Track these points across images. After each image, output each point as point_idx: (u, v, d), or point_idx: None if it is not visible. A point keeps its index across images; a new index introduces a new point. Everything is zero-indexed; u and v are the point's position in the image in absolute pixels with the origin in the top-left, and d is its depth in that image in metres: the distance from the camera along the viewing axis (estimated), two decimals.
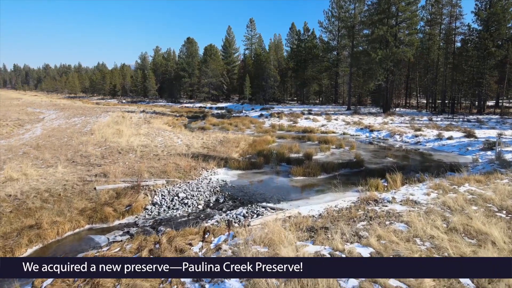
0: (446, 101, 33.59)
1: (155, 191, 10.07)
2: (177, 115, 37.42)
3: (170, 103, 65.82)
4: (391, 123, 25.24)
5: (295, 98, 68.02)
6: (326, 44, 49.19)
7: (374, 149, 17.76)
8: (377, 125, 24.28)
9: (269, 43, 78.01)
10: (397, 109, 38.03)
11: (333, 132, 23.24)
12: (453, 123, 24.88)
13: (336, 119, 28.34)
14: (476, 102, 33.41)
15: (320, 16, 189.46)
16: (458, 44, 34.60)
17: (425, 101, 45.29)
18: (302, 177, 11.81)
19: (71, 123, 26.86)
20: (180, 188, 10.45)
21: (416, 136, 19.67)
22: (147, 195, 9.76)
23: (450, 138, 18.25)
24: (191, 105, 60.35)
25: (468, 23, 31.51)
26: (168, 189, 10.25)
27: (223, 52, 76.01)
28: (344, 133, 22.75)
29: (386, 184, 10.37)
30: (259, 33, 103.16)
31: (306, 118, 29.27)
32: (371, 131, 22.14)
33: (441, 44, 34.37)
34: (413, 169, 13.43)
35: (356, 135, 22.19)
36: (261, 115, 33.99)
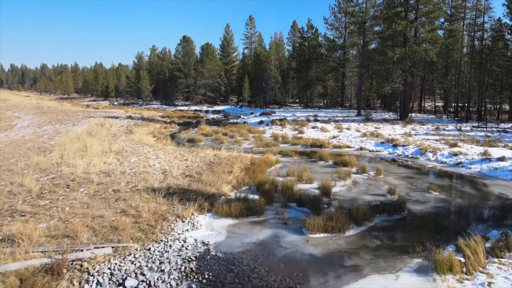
0: (470, 106, 29.67)
1: (89, 273, 6.19)
2: (167, 121, 33.54)
3: (164, 106, 61.99)
4: (415, 135, 21.38)
5: (297, 100, 64.20)
6: (332, 42, 45.27)
7: (407, 173, 13.87)
8: (399, 137, 20.42)
9: (269, 42, 74.14)
10: (413, 114, 34.14)
11: (348, 147, 19.36)
12: (489, 134, 21.02)
13: (348, 128, 24.47)
14: (508, 107, 29.52)
15: (325, 12, 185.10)
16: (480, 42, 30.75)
17: (440, 105, 41.45)
18: (322, 235, 7.92)
19: (39, 133, 23.00)
20: (133, 263, 6.56)
21: (455, 154, 15.78)
22: (73, 283, 5.89)
23: (501, 159, 14.38)
24: (186, 108, 56.48)
25: (499, 18, 27.69)
26: (113, 267, 6.37)
27: (221, 52, 72.30)
28: (361, 148, 18.87)
29: (461, 258, 6.47)
30: (259, 31, 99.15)
31: (313, 127, 25.40)
32: (395, 146, 18.26)
33: (465, 41, 30.43)
34: (478, 214, 9.57)
35: (376, 151, 18.30)
36: (261, 122, 30.12)
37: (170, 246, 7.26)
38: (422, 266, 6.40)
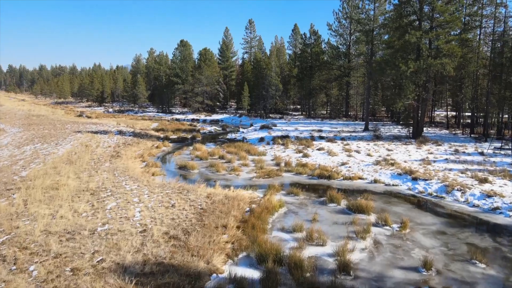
0: (487, 121, 27.39)
1: None
2: (161, 136, 31.27)
3: (160, 114, 59.71)
4: (434, 162, 19.12)
5: (299, 107, 61.97)
6: (336, 50, 43.00)
7: (437, 225, 11.58)
8: (417, 166, 18.18)
9: (270, 47, 71.93)
10: (424, 129, 31.86)
11: (360, 178, 17.10)
12: None
13: (357, 151, 22.21)
14: None
15: (328, 16, 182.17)
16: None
17: (451, 114, 39.20)
18: None
19: (15, 157, 20.72)
20: None
21: (488, 195, 13.52)
22: None
23: None
24: (183, 116, 54.22)
25: None
26: None
27: (220, 56, 70.16)
28: (375, 181, 16.60)
29: None
30: (259, 35, 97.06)
31: (318, 149, 23.14)
32: (415, 179, 16.00)
33: (484, 50, 28.17)
34: None
35: (393, 185, 16.04)
36: (261, 140, 27.86)
37: None
38: None
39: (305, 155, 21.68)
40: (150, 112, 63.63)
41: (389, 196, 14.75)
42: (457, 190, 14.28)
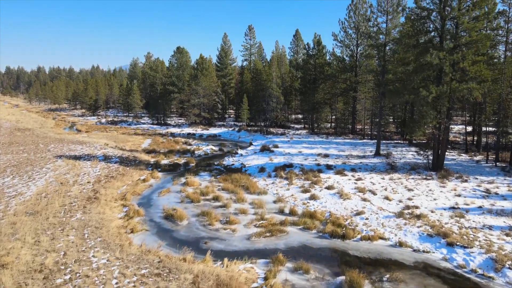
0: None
1: None
2: (151, 161, 28.30)
3: (155, 126, 56.73)
4: (467, 211, 16.18)
5: (301, 119, 59.03)
6: (342, 61, 40.05)
7: None
8: (450, 221, 15.27)
9: (271, 55, 68.89)
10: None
11: (381, 238, 14.16)
12: None
13: (372, 191, 19.27)
14: None
15: (333, 20, 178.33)
16: None
17: (463, 128, 36.26)
18: None
19: None
20: None
21: None
22: None
23: None
24: (178, 130, 51.28)
25: None
26: None
27: (219, 63, 67.33)
28: (400, 243, 13.65)
29: None
30: (259, 41, 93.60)
31: (327, 187, 20.19)
32: (450, 245, 13.05)
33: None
34: None
35: (423, 251, 13.09)
36: (262, 170, 24.91)
37: None
38: None
39: (313, 197, 18.75)
40: (144, 123, 60.62)
41: (422, 272, 11.78)
42: (509, 268, 11.34)
